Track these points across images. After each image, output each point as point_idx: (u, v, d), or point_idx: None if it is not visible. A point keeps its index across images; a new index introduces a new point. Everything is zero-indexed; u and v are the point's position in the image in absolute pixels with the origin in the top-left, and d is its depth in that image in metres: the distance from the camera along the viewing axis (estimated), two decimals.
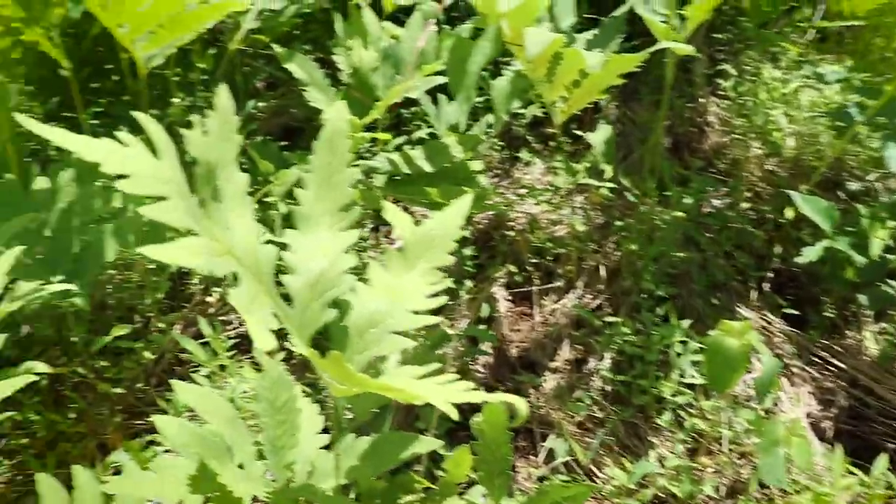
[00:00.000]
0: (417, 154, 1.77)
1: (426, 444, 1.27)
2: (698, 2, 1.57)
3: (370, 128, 1.78)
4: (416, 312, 1.10)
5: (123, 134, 0.87)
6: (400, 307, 1.11)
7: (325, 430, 1.23)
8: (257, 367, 1.63)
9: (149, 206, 0.83)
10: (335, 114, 1.11)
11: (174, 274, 1.77)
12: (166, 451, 1.46)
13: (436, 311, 1.10)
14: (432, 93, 1.87)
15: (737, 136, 2.18)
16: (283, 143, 2.06)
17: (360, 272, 1.14)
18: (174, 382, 1.17)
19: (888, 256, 1.81)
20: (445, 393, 0.86)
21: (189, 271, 1.83)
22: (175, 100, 1.89)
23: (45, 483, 1.11)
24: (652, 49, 1.48)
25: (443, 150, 1.77)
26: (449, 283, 1.14)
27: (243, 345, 1.75)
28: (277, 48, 1.83)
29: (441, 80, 1.83)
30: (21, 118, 0.86)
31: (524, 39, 1.43)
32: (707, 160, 2.16)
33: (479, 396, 0.85)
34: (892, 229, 1.71)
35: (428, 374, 0.97)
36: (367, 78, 1.88)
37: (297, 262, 1.04)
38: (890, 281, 1.83)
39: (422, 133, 2.14)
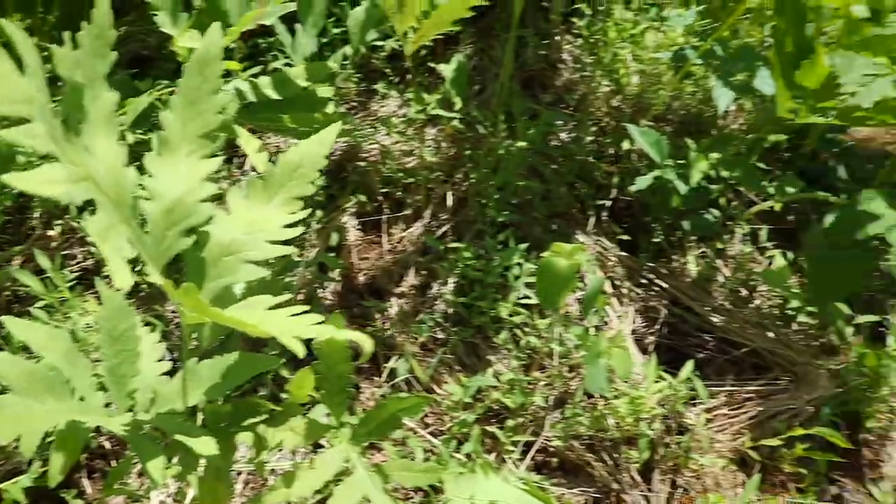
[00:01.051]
0: (265, 82, 1.78)
1: (268, 362, 1.31)
2: None
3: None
4: (274, 242, 1.13)
5: None
6: (257, 237, 1.13)
7: (174, 360, 1.24)
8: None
9: (8, 129, 0.82)
10: (209, 37, 1.10)
11: (12, 206, 1.74)
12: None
13: (291, 240, 1.12)
14: (291, 24, 1.87)
15: (587, 74, 2.27)
16: (132, 72, 2.02)
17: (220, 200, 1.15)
18: (5, 318, 1.15)
19: (711, 187, 1.96)
20: (293, 328, 0.90)
21: (29, 204, 1.80)
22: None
23: None
24: None
25: (290, 77, 1.78)
26: (308, 211, 1.16)
27: (87, 278, 1.74)
28: None
29: (293, 6, 1.83)
30: None
31: None
32: (558, 96, 2.25)
33: (327, 332, 0.90)
34: (713, 161, 1.84)
35: (277, 304, 1.00)
36: (218, 4, 1.86)
37: (155, 187, 1.03)
38: (711, 209, 1.98)
39: (278, 63, 2.14)
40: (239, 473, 1.65)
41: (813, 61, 1.66)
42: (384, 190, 1.99)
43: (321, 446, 1.63)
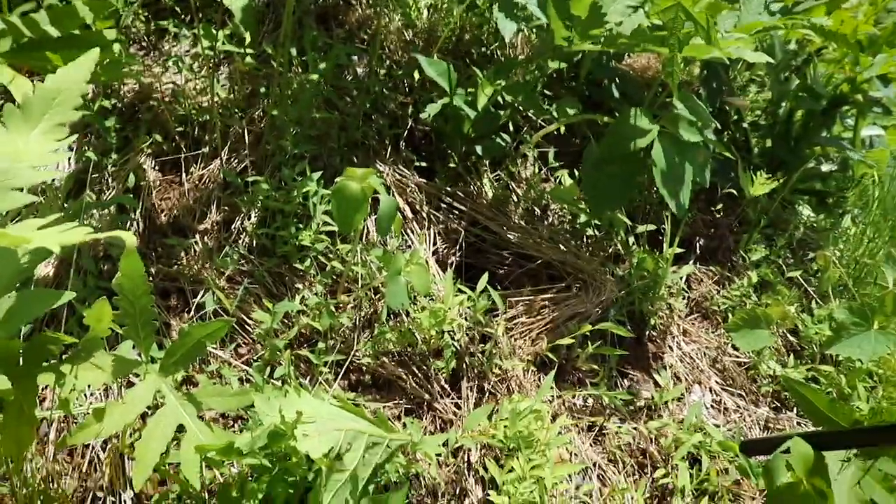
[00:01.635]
0: (42, 18, 1.69)
1: (56, 296, 1.27)
2: None
3: None
4: (37, 169, 1.10)
5: None
6: (20, 165, 1.10)
7: None
8: None
9: None
10: None
11: None
12: None
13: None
14: None
15: (379, 9, 2.32)
16: None
17: None
18: None
19: (500, 112, 2.07)
20: (56, 236, 0.89)
21: None
22: None
23: None
24: None
25: (71, 14, 1.70)
26: (75, 137, 1.14)
27: None
28: None
29: None
30: None
31: None
32: (351, 31, 2.28)
33: (85, 236, 0.89)
34: (497, 87, 1.95)
35: (48, 224, 0.98)
36: None
37: None
38: (502, 134, 2.10)
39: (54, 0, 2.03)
40: (50, 422, 1.61)
41: None
42: (180, 129, 1.96)
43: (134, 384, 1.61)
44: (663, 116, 1.92)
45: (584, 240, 2.14)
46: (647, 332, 2.07)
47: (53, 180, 1.75)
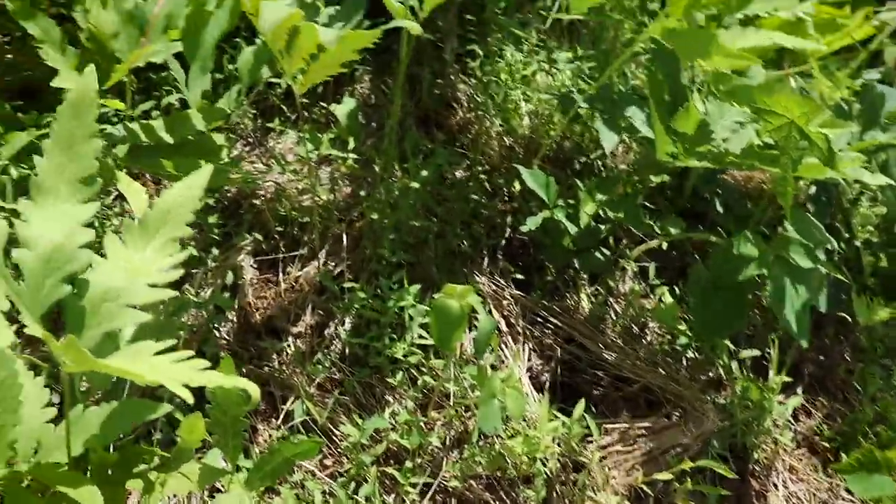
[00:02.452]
0: (159, 125, 1.73)
1: (153, 408, 1.27)
2: None
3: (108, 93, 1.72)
4: (154, 286, 1.11)
5: None
6: (137, 281, 1.10)
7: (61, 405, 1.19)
8: None
9: None
10: (84, 80, 1.07)
11: None
12: None
13: (178, 282, 1.10)
14: (185, 59, 1.84)
15: (480, 113, 2.32)
16: (18, 103, 1.94)
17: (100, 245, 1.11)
18: None
19: (601, 226, 2.02)
20: (180, 375, 0.88)
21: None
22: None
23: None
24: (385, 27, 1.54)
25: (185, 121, 1.75)
26: (188, 253, 1.15)
27: None
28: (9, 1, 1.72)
29: (180, 46, 1.79)
30: None
31: (260, 9, 1.45)
32: (452, 135, 2.28)
33: (213, 379, 0.88)
34: (600, 202, 1.90)
35: (164, 350, 0.97)
36: (106, 41, 1.80)
37: (31, 235, 1.00)
38: (602, 248, 2.04)
39: (172, 99, 2.10)
40: None
41: (687, 109, 1.74)
42: (280, 229, 1.97)
43: (219, 491, 1.58)
44: (774, 240, 1.84)
45: (684, 362, 2.04)
46: (750, 467, 1.94)
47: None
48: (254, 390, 0.89)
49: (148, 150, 1.71)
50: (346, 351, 1.81)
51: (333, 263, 1.93)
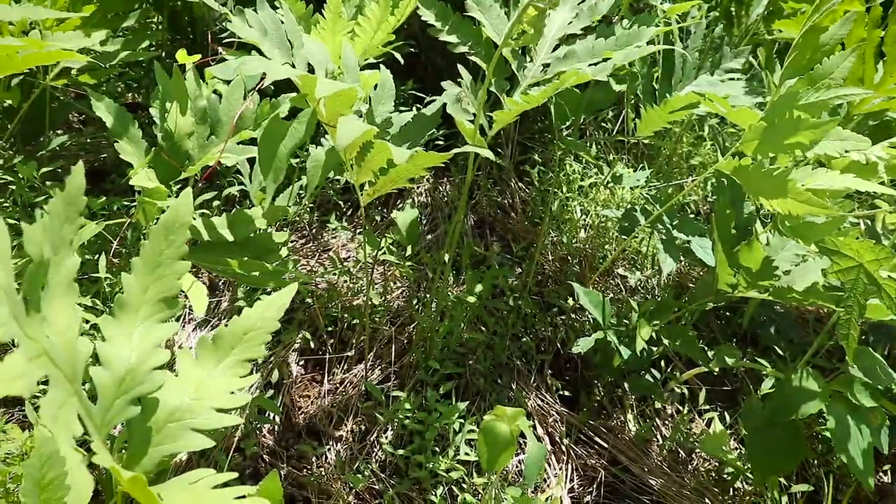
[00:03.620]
0: (220, 222, 1.76)
1: None
2: (506, 108, 1.67)
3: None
4: (221, 410, 1.10)
5: None
6: (204, 403, 1.10)
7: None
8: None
9: None
10: (179, 203, 1.09)
11: None
12: None
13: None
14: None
15: (536, 222, 2.33)
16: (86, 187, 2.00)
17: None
18: None
19: (651, 348, 1.99)
20: None
21: None
22: None
23: None
24: (456, 151, 1.57)
25: (246, 220, 1.77)
26: (258, 376, 1.14)
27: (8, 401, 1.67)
28: (92, 92, 1.79)
29: (255, 151, 1.83)
30: None
31: (337, 125, 1.48)
32: (506, 242, 2.29)
33: None
34: (656, 327, 1.88)
35: (224, 484, 0.97)
36: (179, 142, 1.85)
37: (108, 353, 1.01)
38: (652, 370, 2.01)
39: (233, 190, 2.14)
40: None
41: (751, 244, 1.73)
42: (329, 328, 1.97)
43: None
44: (835, 378, 1.79)
45: (731, 493, 1.97)
46: None
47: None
48: None
49: (207, 246, 1.74)
50: (387, 460, 1.78)
51: (380, 368, 1.92)
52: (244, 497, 0.94)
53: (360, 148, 1.60)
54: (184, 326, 1.94)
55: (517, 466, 1.83)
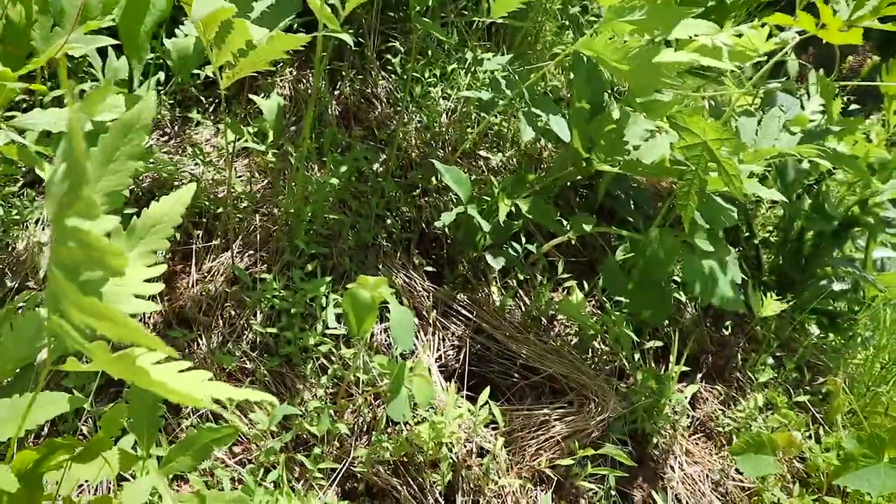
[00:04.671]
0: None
1: (73, 402, 1.27)
2: None
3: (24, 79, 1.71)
4: (139, 296, 1.11)
5: None
6: (126, 290, 1.10)
7: None
8: None
9: None
10: (141, 106, 1.06)
11: None
12: None
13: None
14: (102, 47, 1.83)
15: (399, 110, 2.36)
16: None
17: None
18: None
19: (512, 222, 2.08)
20: (212, 391, 0.89)
21: None
22: None
23: None
24: (313, 35, 1.57)
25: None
26: (164, 267, 1.15)
27: None
28: None
29: (106, 40, 1.78)
30: None
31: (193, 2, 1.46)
32: (370, 130, 2.32)
33: (240, 393, 0.90)
34: (514, 200, 1.97)
35: (186, 368, 0.98)
36: (21, 32, 1.78)
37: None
38: (512, 243, 2.11)
39: (86, 86, 2.08)
40: None
41: (603, 119, 1.82)
42: (193, 220, 1.97)
43: (126, 479, 1.59)
44: (681, 234, 1.94)
45: (590, 353, 2.12)
46: (650, 451, 2.03)
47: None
48: (272, 400, 0.92)
49: (59, 137, 1.70)
50: (258, 340, 1.83)
51: (247, 255, 1.95)
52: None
53: (220, 28, 1.59)
54: None
55: (386, 339, 1.91)
